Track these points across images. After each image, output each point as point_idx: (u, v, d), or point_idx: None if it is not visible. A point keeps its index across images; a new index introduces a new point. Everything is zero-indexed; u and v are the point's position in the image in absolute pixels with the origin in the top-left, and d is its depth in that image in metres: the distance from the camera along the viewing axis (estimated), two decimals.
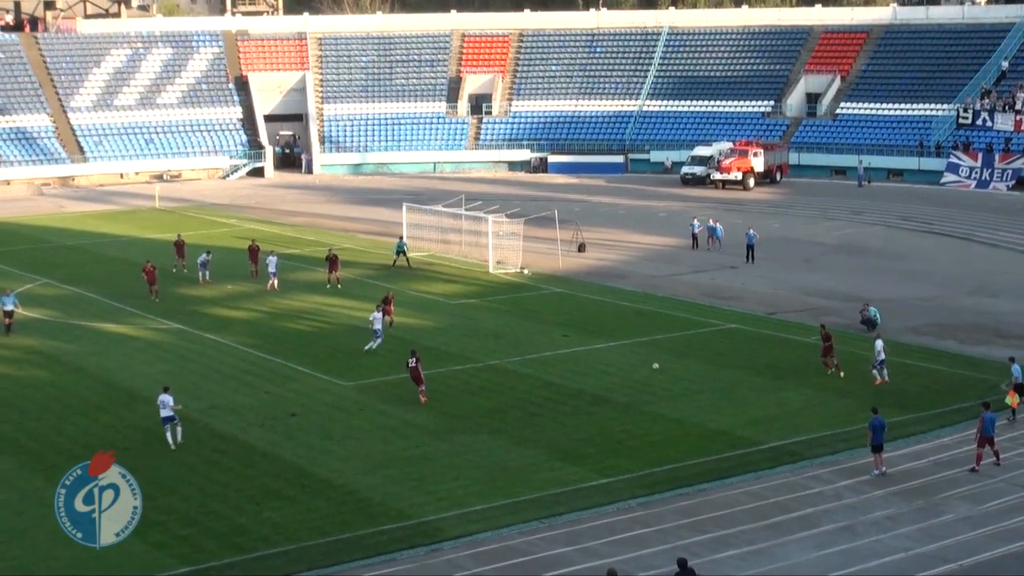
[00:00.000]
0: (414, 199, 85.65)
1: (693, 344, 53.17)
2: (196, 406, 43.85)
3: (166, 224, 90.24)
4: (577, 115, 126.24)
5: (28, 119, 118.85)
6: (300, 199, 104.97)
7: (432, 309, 60.25)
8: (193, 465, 38.02)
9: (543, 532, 32.72)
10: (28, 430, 41.54)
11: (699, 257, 74.68)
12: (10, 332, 55.61)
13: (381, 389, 46.27)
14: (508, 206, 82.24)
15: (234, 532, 32.79)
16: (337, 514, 33.98)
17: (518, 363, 49.90)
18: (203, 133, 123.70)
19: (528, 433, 40.89)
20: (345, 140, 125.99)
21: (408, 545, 31.83)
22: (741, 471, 37.32)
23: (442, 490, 35.72)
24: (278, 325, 57.31)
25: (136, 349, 53.26)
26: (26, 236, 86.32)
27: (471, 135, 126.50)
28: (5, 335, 55.45)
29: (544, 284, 66.53)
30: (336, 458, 38.62)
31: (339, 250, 69.61)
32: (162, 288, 63.92)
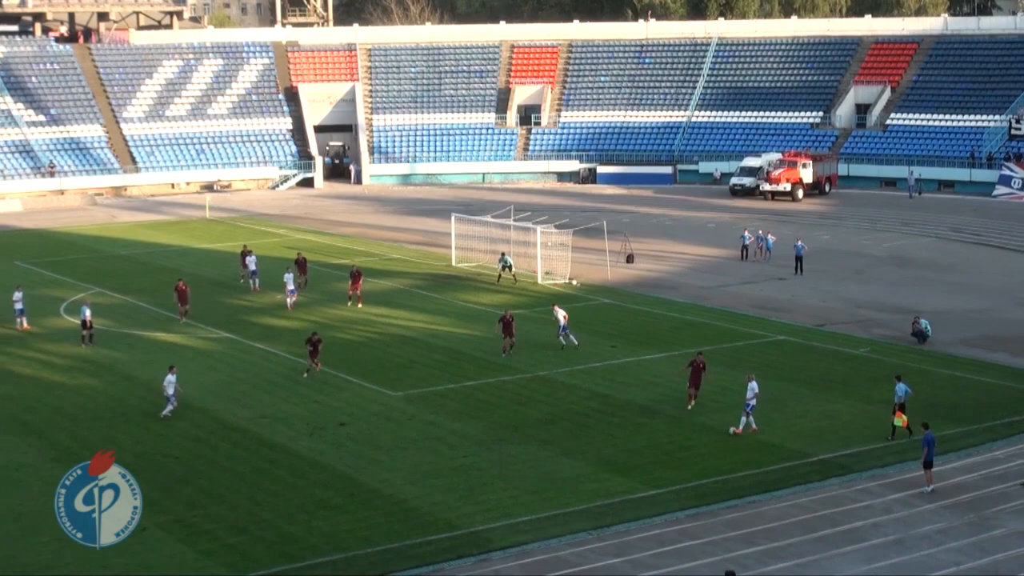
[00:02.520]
0: (463, 210, 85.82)
1: (742, 356, 52.94)
2: (245, 415, 44.10)
3: (216, 234, 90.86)
4: (626, 126, 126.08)
5: (81, 129, 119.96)
6: (349, 209, 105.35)
7: (480, 320, 60.27)
8: (242, 474, 38.20)
9: (591, 543, 32.65)
10: (81, 438, 41.86)
11: (748, 268, 74.38)
12: (92, 342, 55.77)
13: (429, 399, 46.34)
14: (557, 217, 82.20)
15: (283, 541, 32.91)
16: (385, 524, 34.04)
17: (567, 374, 49.86)
18: (253, 144, 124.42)
19: (577, 444, 40.84)
20: (394, 151, 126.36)
21: (456, 555, 31.85)
22: (790, 483, 37.12)
23: (490, 500, 35.72)
24: (327, 335, 57.27)
25: (186, 358, 53.54)
26: (80, 246, 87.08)
27: (520, 146, 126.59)
28: (87, 344, 55.66)
29: (593, 295, 66.44)
30: (384, 468, 38.70)
31: (389, 260, 69.66)
32: (215, 298, 64.29)
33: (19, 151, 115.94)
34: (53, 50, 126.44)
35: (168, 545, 32.72)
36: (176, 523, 34.19)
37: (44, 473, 38.23)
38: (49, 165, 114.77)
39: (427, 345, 55.06)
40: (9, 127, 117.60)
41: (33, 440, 41.93)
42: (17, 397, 47.42)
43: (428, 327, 58.64)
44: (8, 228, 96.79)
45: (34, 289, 68.00)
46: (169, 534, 33.45)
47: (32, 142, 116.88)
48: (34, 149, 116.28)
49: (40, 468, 38.87)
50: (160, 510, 35.00)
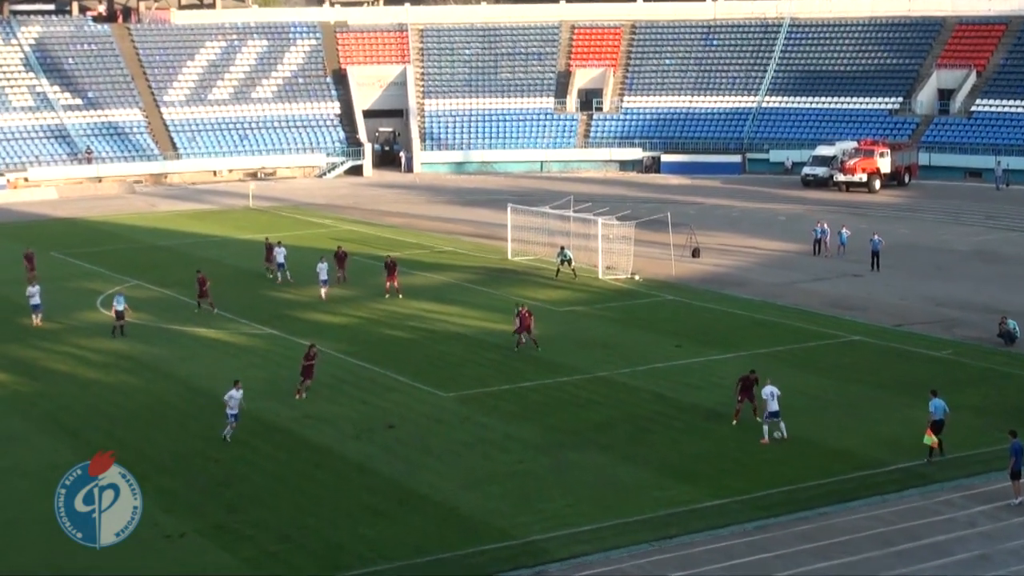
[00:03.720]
0: (520, 200, 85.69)
1: (815, 357, 52.59)
2: (290, 415, 44.28)
3: (260, 224, 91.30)
4: (692, 112, 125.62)
5: (120, 113, 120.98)
6: (399, 199, 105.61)
7: (537, 317, 59.84)
8: (286, 478, 38.32)
9: (654, 555, 32.52)
10: (118, 438, 42.08)
11: (821, 264, 73.91)
12: (124, 334, 56.54)
13: (483, 401, 46.33)
14: (618, 208, 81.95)
15: (328, 549, 32.99)
16: (436, 532, 34.05)
17: (628, 375, 49.73)
18: (299, 129, 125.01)
19: (638, 449, 40.70)
20: (447, 137, 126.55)
21: (511, 566, 31.81)
22: (865, 494, 36.79)
23: (547, 509, 35.65)
24: (376, 331, 57.66)
25: (228, 355, 53.89)
26: (117, 236, 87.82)
27: (580, 132, 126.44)
28: (119, 336, 56.39)
29: (656, 291, 66.24)
30: (435, 473, 38.71)
31: (441, 252, 69.71)
32: (258, 292, 64.63)
33: (55, 136, 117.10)
34: (90, 30, 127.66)
35: (208, 552, 32.89)
36: (216, 528, 34.36)
37: None
38: (86, 151, 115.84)
39: (481, 343, 55.06)
40: (44, 111, 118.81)
41: (67, 440, 42.28)
42: (51, 395, 47.87)
43: (482, 324, 58.64)
44: (43, 217, 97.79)
45: (69, 281, 68.71)
46: (208, 540, 33.61)
47: (68, 127, 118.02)
48: (70, 134, 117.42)
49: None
50: (199, 514, 35.23)
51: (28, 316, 59.39)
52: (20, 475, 38.81)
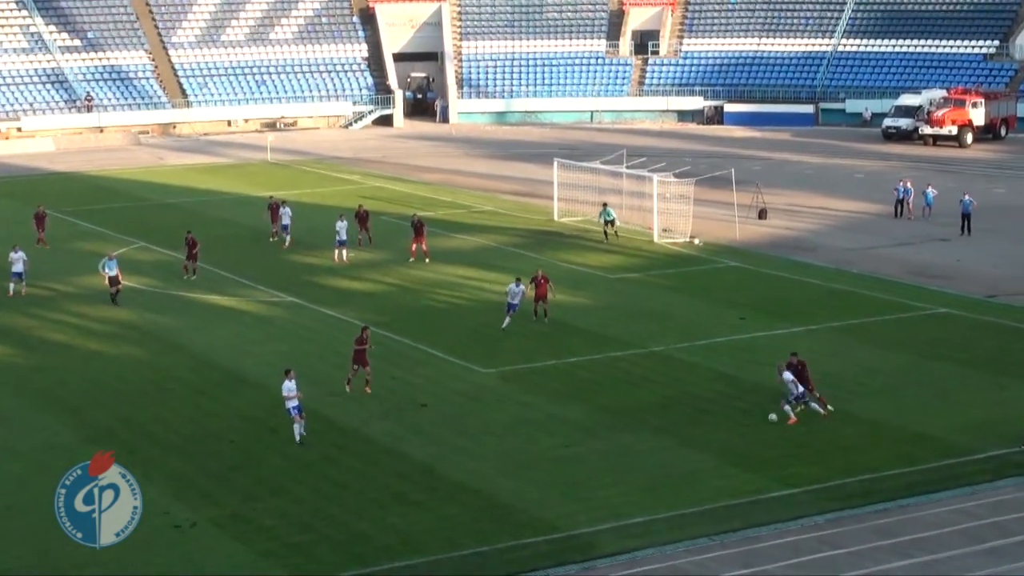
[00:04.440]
0: (567, 154, 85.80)
1: (896, 331, 52.46)
2: (313, 393, 44.34)
3: (280, 181, 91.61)
4: (759, 56, 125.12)
5: (124, 56, 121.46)
6: (434, 152, 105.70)
7: (587, 285, 60.28)
8: (308, 462, 38.55)
9: (714, 551, 32.59)
10: (122, 417, 42.50)
11: (903, 227, 73.63)
12: (116, 303, 57.02)
13: (525, 377, 46.45)
14: (676, 164, 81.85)
15: (353, 541, 33.20)
16: (472, 523, 34.20)
17: (686, 350, 49.74)
18: (322, 75, 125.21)
19: (697, 433, 40.75)
20: (487, 84, 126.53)
21: (556, 562, 31.91)
22: (952, 484, 36.73)
23: (596, 498, 35.75)
24: (406, 300, 57.84)
25: (244, 325, 54.20)
26: (121, 192, 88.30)
27: (634, 79, 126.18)
28: (111, 304, 56.89)
29: (718, 256, 66.18)
30: (472, 457, 38.87)
31: (480, 213, 69.78)
32: (278, 256, 65.01)
33: (51, 81, 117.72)
34: None
35: (221, 543, 33.14)
36: (231, 518, 34.61)
37: (80, 456, 38.32)
38: (86, 98, 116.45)
39: (523, 313, 55.07)
40: (39, 53, 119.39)
41: (67, 418, 42.64)
42: (49, 368, 48.27)
43: (525, 292, 58.65)
44: (38, 171, 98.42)
45: (68, 243, 69.20)
46: (222, 530, 33.87)
47: (66, 71, 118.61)
48: (68, 79, 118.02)
49: (75, 450, 39.33)
50: (213, 502, 35.53)
51: (26, 280, 59.83)
52: (13, 457, 39.14)
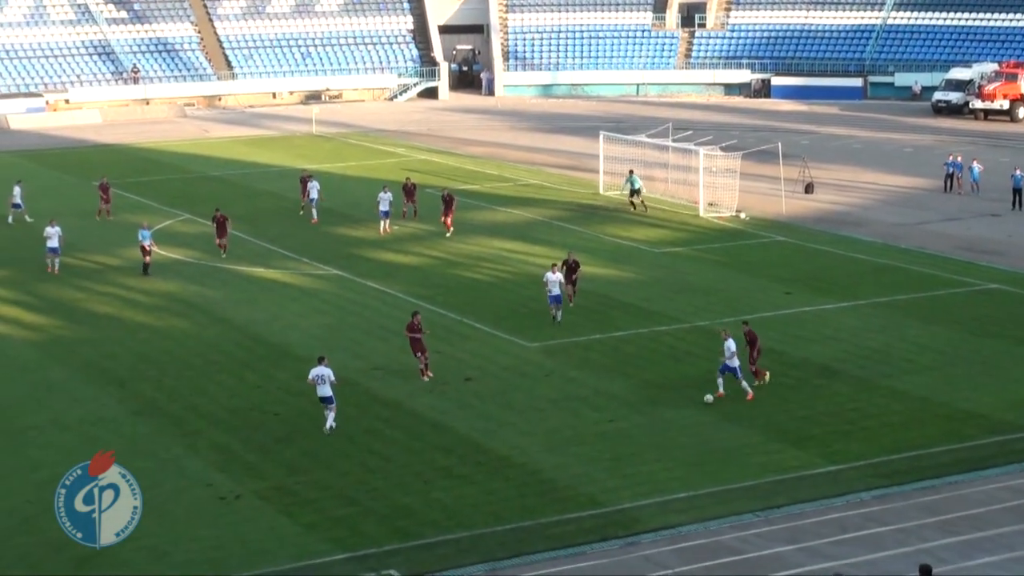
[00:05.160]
0: (613, 127, 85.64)
1: (944, 307, 52.18)
2: (357, 366, 44.59)
3: (324, 153, 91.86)
4: (807, 29, 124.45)
5: (170, 28, 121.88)
6: (479, 125, 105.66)
7: (631, 259, 60.19)
8: (352, 435, 38.66)
9: (758, 527, 32.53)
10: (168, 389, 42.75)
11: (953, 202, 73.23)
12: (147, 272, 57.40)
13: (571, 352, 46.44)
14: (723, 137, 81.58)
15: (397, 514, 33.29)
16: (517, 497, 34.24)
17: (733, 325, 49.55)
18: (368, 47, 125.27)
19: (742, 408, 40.63)
20: (533, 56, 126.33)
21: (600, 537, 31.93)
22: (1001, 461, 36.50)
23: (640, 473, 35.74)
24: (452, 273, 57.88)
25: (289, 298, 54.35)
26: (167, 164, 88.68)
27: (681, 52, 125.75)
28: (142, 275, 57.24)
29: (764, 231, 65.97)
30: (517, 432, 38.90)
31: (525, 186, 69.66)
32: (323, 228, 65.23)
33: (98, 53, 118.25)
34: None
35: (266, 515, 33.26)
36: (275, 490, 34.74)
37: (126, 429, 39.15)
38: (132, 70, 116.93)
39: None
40: (86, 25, 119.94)
41: (113, 391, 42.92)
42: (96, 341, 48.58)
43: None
44: (85, 143, 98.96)
45: (114, 215, 69.48)
46: (267, 503, 34.00)
47: (113, 43, 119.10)
48: (115, 51, 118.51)
49: (121, 423, 39.80)
50: (257, 475, 35.69)
51: (71, 253, 60.33)
52: (62, 429, 39.45)
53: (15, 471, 36.12)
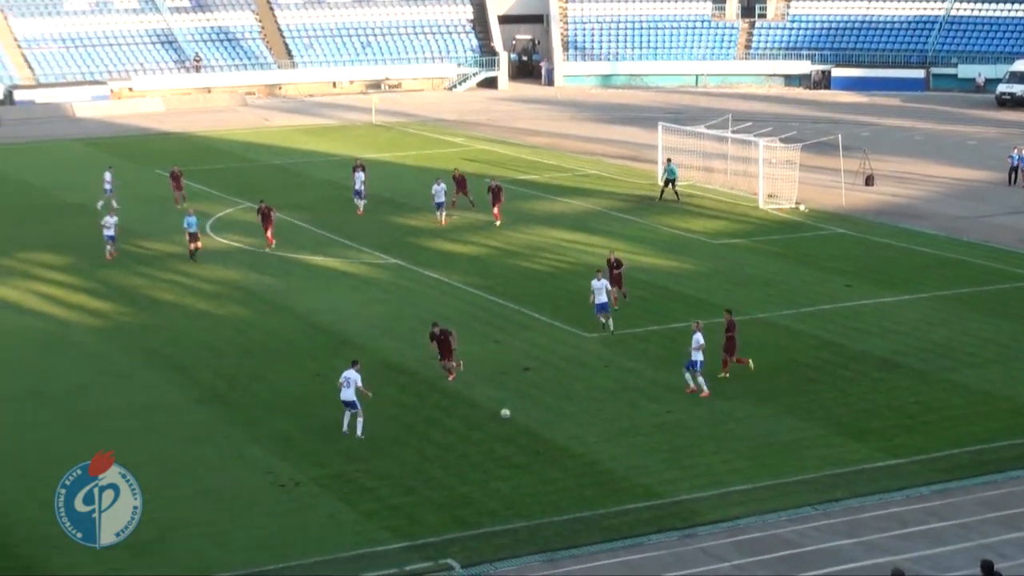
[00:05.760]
0: (672, 118, 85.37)
1: (1007, 301, 51.73)
2: (416, 355, 44.68)
3: (383, 142, 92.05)
4: (869, 20, 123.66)
5: (231, 17, 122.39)
6: (538, 115, 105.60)
7: (690, 250, 60.03)
8: (411, 424, 38.77)
9: (817, 520, 32.40)
10: (227, 377, 42.98)
11: (1017, 195, 72.65)
12: (194, 258, 58.01)
13: (629, 343, 46.39)
14: (783, 129, 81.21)
15: (456, 503, 33.37)
16: (575, 488, 34.26)
17: (791, 317, 49.41)
18: (428, 36, 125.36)
19: (801, 401, 40.51)
20: (592, 47, 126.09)
21: (657, 528, 31.90)
22: None
23: (698, 465, 35.68)
24: (511, 263, 57.90)
25: (348, 287, 54.54)
26: (227, 153, 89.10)
27: (741, 43, 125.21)
28: (190, 260, 57.86)
29: (824, 223, 65.65)
30: (575, 422, 38.91)
31: (584, 176, 69.49)
32: (382, 217, 65.42)
33: (161, 41, 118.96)
34: None
35: (325, 503, 33.43)
36: (334, 478, 34.90)
37: (187, 417, 39.41)
38: (195, 58, 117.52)
39: (627, 278, 54.88)
40: (150, 13, 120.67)
41: (175, 377, 43.23)
42: (158, 327, 48.93)
43: (628, 257, 58.26)
44: (148, 131, 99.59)
45: (176, 202, 69.83)
46: (326, 490, 34.16)
47: (176, 31, 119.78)
48: (178, 39, 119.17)
49: (183, 410, 40.07)
50: (317, 462, 35.83)
51: (134, 240, 60.97)
52: (125, 415, 39.77)
53: (79, 457, 35.97)
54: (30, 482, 34.71)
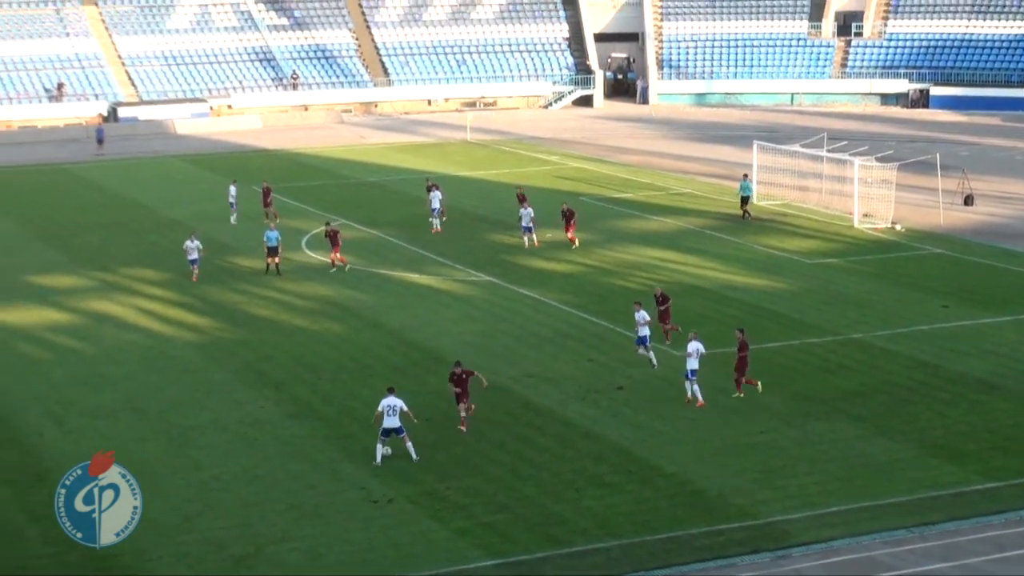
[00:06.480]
0: (767, 137, 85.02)
1: None
2: (509, 373, 44.78)
3: (478, 160, 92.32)
4: (968, 39, 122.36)
5: (328, 35, 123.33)
6: (633, 134, 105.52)
7: (784, 269, 59.69)
8: (503, 442, 38.84)
9: (912, 543, 32.11)
10: (323, 393, 43.28)
11: None
12: (271, 272, 58.74)
13: (721, 361, 46.11)
14: (879, 148, 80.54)
15: (548, 522, 33.36)
16: (668, 507, 34.17)
17: (886, 338, 49.00)
18: (523, 54, 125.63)
19: (897, 423, 40.16)
20: (687, 65, 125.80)
21: (750, 549, 31.77)
22: None
23: (791, 486, 35.47)
24: (604, 282, 57.84)
25: (441, 304, 54.73)
26: (323, 170, 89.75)
27: (837, 61, 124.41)
28: (275, 276, 58.53)
29: (921, 243, 65.05)
30: (668, 441, 38.81)
31: (678, 195, 69.29)
32: (476, 235, 65.74)
33: (259, 59, 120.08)
34: None
35: (417, 520, 33.54)
36: (426, 495, 35.00)
37: (281, 431, 39.71)
38: (292, 76, 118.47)
39: (720, 297, 54.82)
40: (249, 31, 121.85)
41: (270, 392, 43.57)
42: (254, 343, 49.35)
43: (722, 276, 58.41)
44: (246, 148, 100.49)
45: (273, 218, 70.34)
46: (418, 507, 34.28)
47: (274, 49, 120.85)
48: (276, 57, 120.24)
49: (277, 425, 40.37)
50: (408, 479, 35.95)
51: (230, 257, 61.59)
52: (221, 429, 40.14)
53: (176, 471, 36.80)
54: None
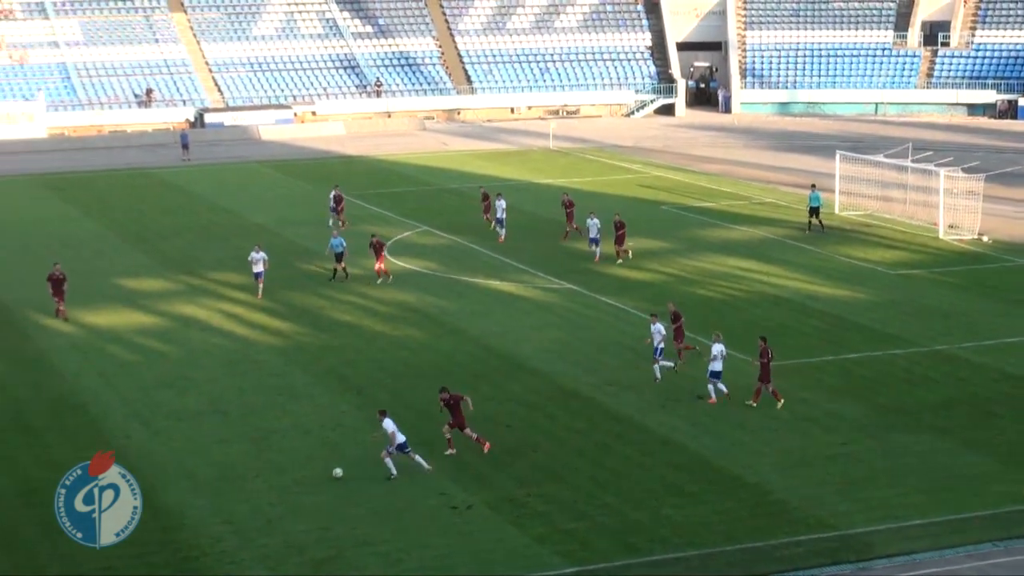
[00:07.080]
0: (850, 147, 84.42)
1: None
2: (589, 381, 44.74)
3: (560, 168, 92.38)
4: None
5: (412, 43, 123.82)
6: (715, 142, 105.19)
7: (867, 280, 59.25)
8: (583, 449, 38.79)
9: (998, 557, 31.78)
10: (402, 398, 43.36)
11: None
12: (335, 278, 59.20)
13: (804, 373, 45.93)
14: (965, 158, 79.85)
15: (628, 530, 33.28)
16: (748, 518, 34.00)
17: (972, 350, 48.52)
18: (606, 63, 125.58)
19: (982, 435, 39.76)
20: (770, 74, 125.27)
21: (831, 560, 31.56)
22: None
23: (873, 498, 35.18)
24: (686, 291, 57.62)
25: (522, 311, 54.72)
26: (406, 177, 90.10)
27: (923, 71, 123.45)
28: (344, 279, 59.03)
29: (1008, 255, 64.38)
30: (748, 451, 38.62)
31: (760, 204, 69.00)
32: (557, 243, 65.65)
33: (344, 66, 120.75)
34: None
35: (496, 526, 33.58)
36: (506, 502, 35.03)
37: (362, 436, 39.78)
38: (375, 83, 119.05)
39: (802, 308, 54.51)
40: (333, 39, 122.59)
41: (352, 397, 43.77)
42: (337, 348, 49.62)
43: (804, 286, 58.07)
44: (330, 154, 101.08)
45: (355, 225, 70.71)
46: (497, 513, 34.32)
47: (358, 56, 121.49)
48: (360, 64, 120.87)
49: (358, 429, 40.49)
50: (488, 486, 36.00)
51: (314, 261, 62.09)
52: (303, 433, 40.38)
53: (259, 474, 37.03)
54: (212, 499, 35.36)
